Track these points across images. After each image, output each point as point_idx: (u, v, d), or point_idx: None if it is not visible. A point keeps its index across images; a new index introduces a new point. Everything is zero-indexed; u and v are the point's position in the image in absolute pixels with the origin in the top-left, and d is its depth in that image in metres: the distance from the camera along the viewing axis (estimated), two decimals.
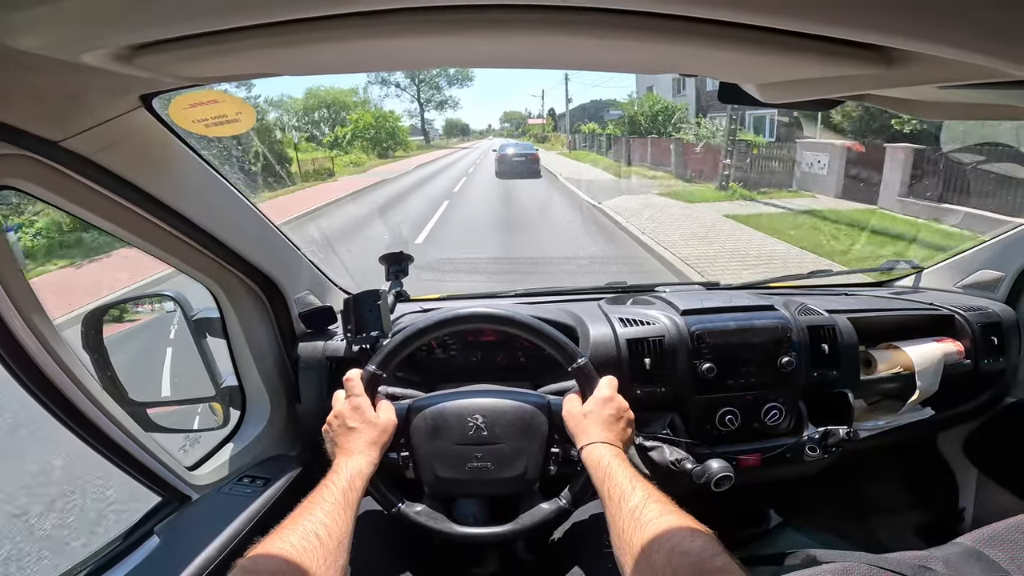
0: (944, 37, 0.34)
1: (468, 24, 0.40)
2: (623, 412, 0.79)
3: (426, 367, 1.11)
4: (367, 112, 25.90)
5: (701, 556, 0.50)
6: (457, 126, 62.89)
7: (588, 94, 54.98)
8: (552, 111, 35.06)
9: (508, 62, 0.54)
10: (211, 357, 0.98)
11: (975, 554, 0.54)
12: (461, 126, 64.12)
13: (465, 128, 64.77)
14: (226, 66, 0.51)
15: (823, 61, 0.43)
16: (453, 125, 62.72)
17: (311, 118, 27.58)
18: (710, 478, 0.83)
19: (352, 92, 28.60)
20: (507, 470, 0.80)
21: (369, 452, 0.72)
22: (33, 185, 0.59)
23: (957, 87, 0.52)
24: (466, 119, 74.98)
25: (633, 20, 0.38)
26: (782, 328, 1.01)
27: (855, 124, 10.12)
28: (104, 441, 0.71)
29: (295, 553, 0.53)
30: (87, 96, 0.55)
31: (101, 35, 0.39)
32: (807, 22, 0.35)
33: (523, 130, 45.44)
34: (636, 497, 0.61)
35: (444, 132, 59.84)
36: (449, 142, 45.53)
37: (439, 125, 60.97)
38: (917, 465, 1.42)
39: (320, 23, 0.40)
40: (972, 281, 1.29)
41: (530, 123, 46.11)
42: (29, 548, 1.93)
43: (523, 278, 4.99)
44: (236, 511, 0.82)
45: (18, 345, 0.61)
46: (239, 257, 0.87)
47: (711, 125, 13.03)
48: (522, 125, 56.35)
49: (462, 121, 65.90)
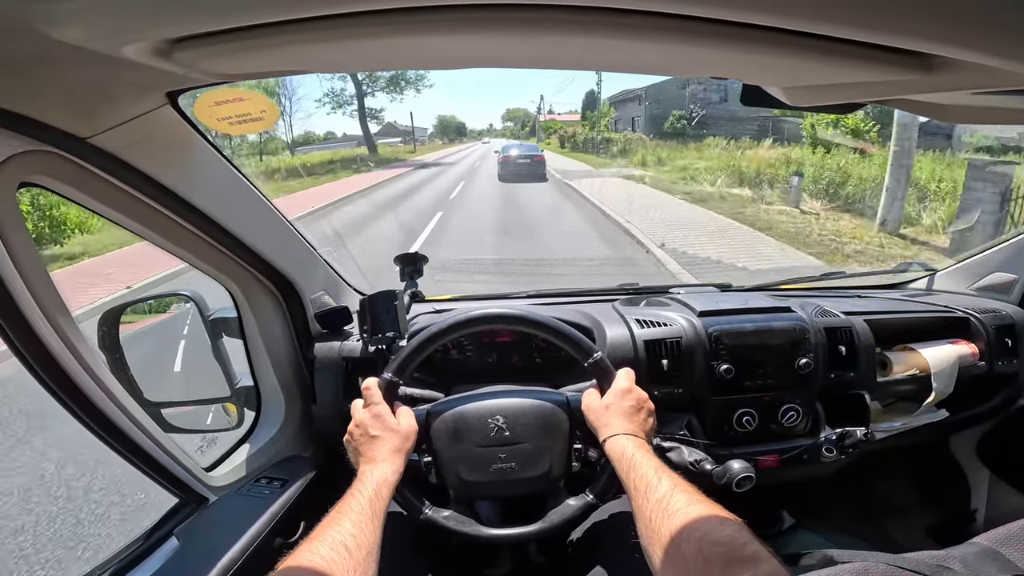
0: (989, 45, 0.34)
1: (503, 23, 0.39)
2: (643, 403, 0.79)
3: (442, 368, 1.10)
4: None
5: (732, 544, 0.50)
6: (451, 125, 57.18)
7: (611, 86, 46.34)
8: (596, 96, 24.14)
9: (531, 62, 0.53)
10: (227, 357, 0.98)
11: (992, 554, 0.54)
12: (456, 125, 58.23)
13: (461, 128, 58.79)
14: (258, 63, 0.51)
15: (861, 66, 0.43)
16: (447, 124, 56.78)
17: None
18: (731, 479, 0.83)
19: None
20: (532, 469, 0.79)
21: (393, 460, 0.72)
22: (57, 182, 0.59)
23: (990, 93, 0.52)
24: (462, 117, 69.37)
25: (662, 22, 0.38)
26: (800, 330, 1.01)
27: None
28: (125, 442, 0.71)
29: (325, 565, 0.52)
30: (117, 92, 0.54)
31: (144, 27, 0.39)
32: (855, 29, 0.34)
33: (545, 129, 36.75)
34: (663, 487, 0.61)
35: (438, 131, 53.80)
36: (417, 150, 34.07)
37: (428, 123, 53.46)
38: (930, 466, 1.42)
39: (354, 19, 0.39)
40: (986, 283, 1.29)
41: (552, 119, 38.07)
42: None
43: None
44: (255, 513, 0.81)
45: (41, 344, 0.60)
46: (257, 256, 0.86)
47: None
48: (528, 124, 49.72)
49: (457, 119, 59.79)
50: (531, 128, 46.35)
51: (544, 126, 38.60)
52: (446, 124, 57.24)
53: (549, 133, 35.22)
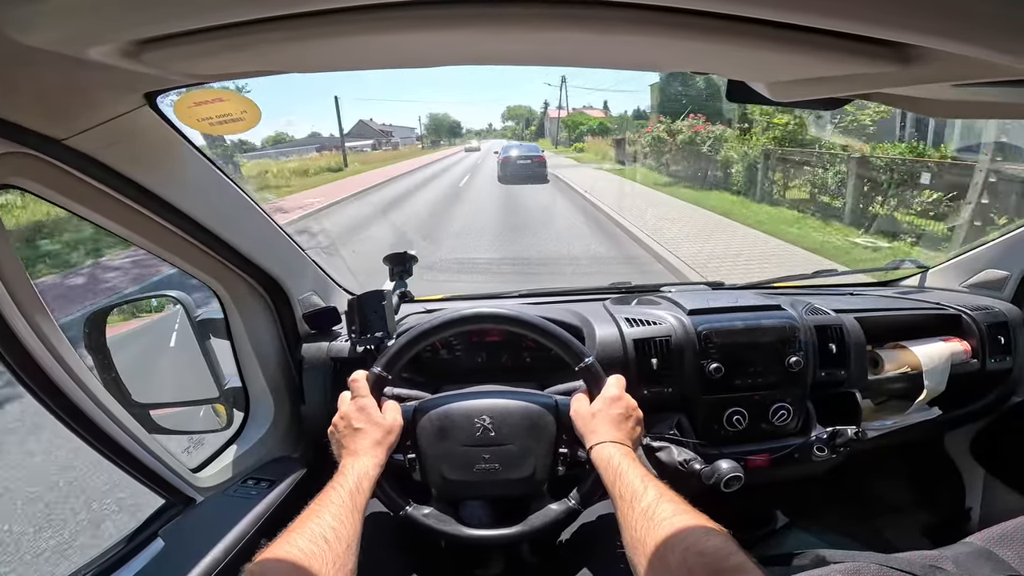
0: (965, 35, 0.34)
1: (477, 20, 0.39)
2: (632, 411, 0.79)
3: (431, 368, 1.10)
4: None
5: (717, 555, 0.50)
6: (444, 124, 49.91)
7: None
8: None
9: (512, 59, 0.53)
10: (215, 358, 0.97)
11: (985, 553, 0.53)
12: (450, 124, 50.71)
13: (455, 128, 50.82)
14: (232, 63, 0.51)
15: (837, 59, 0.43)
16: (440, 123, 49.55)
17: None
18: (720, 479, 0.82)
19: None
20: (516, 471, 0.79)
21: (375, 453, 0.72)
22: (36, 184, 0.59)
23: (973, 85, 0.51)
24: (460, 117, 61.96)
25: (639, 15, 0.37)
26: (790, 328, 1.01)
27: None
28: (108, 443, 0.71)
29: (303, 557, 0.52)
30: (92, 93, 0.54)
31: (108, 29, 0.39)
32: (826, 18, 0.34)
33: (570, 126, 27.34)
34: (648, 496, 0.60)
35: (431, 130, 46.22)
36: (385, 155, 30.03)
37: (419, 121, 45.84)
38: (923, 465, 1.41)
39: (328, 17, 0.39)
40: (978, 280, 1.29)
41: (582, 112, 29.45)
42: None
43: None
44: (241, 513, 0.81)
45: (21, 347, 0.60)
46: (243, 257, 0.86)
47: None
48: (533, 122, 41.30)
49: (451, 118, 51.97)
50: (537, 127, 37.49)
51: (570, 122, 27.79)
52: (439, 123, 50.70)
53: (576, 134, 25.40)
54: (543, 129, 32.70)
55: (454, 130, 51.49)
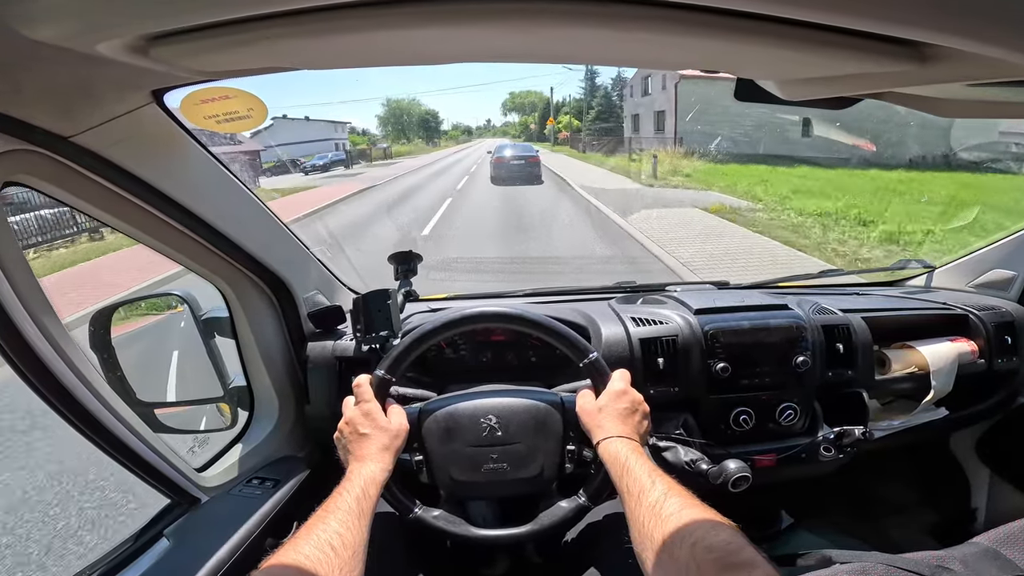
0: (986, 34, 0.33)
1: (486, 16, 0.39)
2: (638, 405, 0.78)
3: (436, 367, 1.10)
4: None
5: (726, 550, 0.49)
6: (413, 119, 33.38)
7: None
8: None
9: (520, 57, 0.53)
10: (219, 357, 0.97)
11: (992, 554, 0.53)
12: (420, 117, 33.74)
13: (428, 122, 33.31)
14: (240, 59, 0.50)
15: (852, 57, 0.42)
16: (399, 115, 32.55)
17: None
18: (727, 478, 0.82)
19: None
20: (524, 470, 0.79)
21: (382, 458, 0.71)
22: (41, 181, 0.58)
23: (986, 85, 0.51)
24: (455, 112, 37.94)
25: (651, 12, 0.37)
26: (797, 327, 1.00)
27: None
28: (114, 443, 0.70)
29: (309, 564, 0.52)
30: (99, 90, 0.54)
31: (117, 24, 0.38)
32: (847, 17, 0.34)
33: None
34: (656, 491, 0.60)
35: (392, 128, 29.61)
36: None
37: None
38: (929, 465, 1.41)
39: (336, 13, 0.39)
40: (984, 281, 1.28)
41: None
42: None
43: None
44: (246, 513, 0.81)
45: (28, 346, 0.59)
46: (249, 256, 0.86)
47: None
48: (537, 114, 32.35)
49: (422, 108, 33.61)
50: (542, 122, 29.23)
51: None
52: (398, 115, 31.41)
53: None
54: (544, 122, 30.43)
55: (428, 124, 34.02)
